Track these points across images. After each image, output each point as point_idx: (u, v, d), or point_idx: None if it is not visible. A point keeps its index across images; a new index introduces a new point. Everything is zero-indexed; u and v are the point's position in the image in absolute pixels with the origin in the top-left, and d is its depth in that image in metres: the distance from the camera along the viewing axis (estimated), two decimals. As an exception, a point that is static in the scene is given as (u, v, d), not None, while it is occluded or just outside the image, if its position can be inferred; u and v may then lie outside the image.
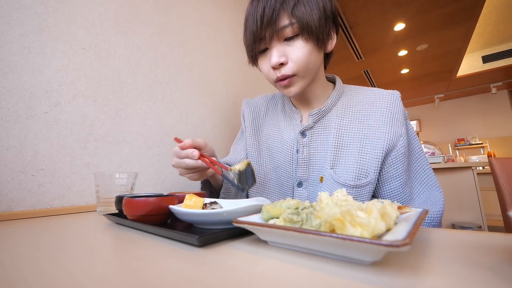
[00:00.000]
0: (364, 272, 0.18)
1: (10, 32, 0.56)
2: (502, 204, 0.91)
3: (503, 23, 3.48)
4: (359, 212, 0.22)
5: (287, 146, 0.62)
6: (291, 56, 0.50)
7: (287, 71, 0.51)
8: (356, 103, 0.58)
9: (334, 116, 0.58)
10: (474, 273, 0.18)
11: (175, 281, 0.18)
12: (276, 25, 0.48)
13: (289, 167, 0.61)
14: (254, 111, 0.73)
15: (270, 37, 0.50)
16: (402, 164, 0.53)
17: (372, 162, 0.52)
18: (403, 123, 0.54)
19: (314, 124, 0.59)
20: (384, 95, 0.57)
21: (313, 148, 0.58)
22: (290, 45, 0.50)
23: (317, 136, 0.58)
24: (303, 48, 0.49)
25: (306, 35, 0.49)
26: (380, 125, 0.53)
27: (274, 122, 0.68)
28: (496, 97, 4.89)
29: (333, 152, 0.55)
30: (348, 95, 0.61)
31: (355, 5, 2.45)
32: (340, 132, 0.56)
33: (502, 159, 0.95)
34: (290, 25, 0.48)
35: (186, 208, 0.34)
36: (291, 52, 0.50)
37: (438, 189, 0.54)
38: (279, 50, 0.50)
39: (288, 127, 0.64)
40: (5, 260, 0.24)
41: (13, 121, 0.55)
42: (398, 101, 0.56)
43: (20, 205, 0.54)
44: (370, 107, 0.56)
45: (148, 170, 0.80)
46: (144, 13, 0.86)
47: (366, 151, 0.53)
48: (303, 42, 0.49)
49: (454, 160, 3.67)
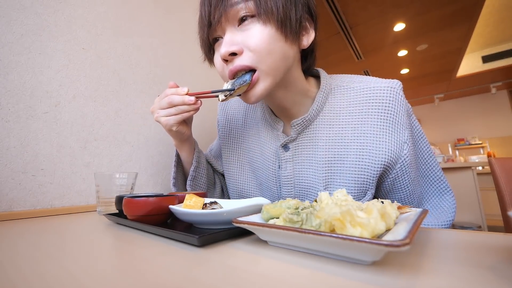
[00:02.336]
0: (364, 272, 0.18)
1: (11, 32, 0.56)
2: (502, 204, 0.91)
3: (503, 23, 3.48)
4: (359, 212, 0.22)
5: (269, 161, 0.52)
6: (247, 43, 0.39)
7: (243, 61, 0.40)
8: (347, 104, 0.47)
9: (321, 123, 0.48)
10: (474, 273, 0.18)
11: (175, 281, 0.18)
12: (226, 1, 0.39)
13: (273, 185, 0.52)
14: (230, 120, 0.63)
15: (219, 19, 0.40)
16: (408, 175, 0.46)
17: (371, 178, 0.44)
18: (406, 124, 0.45)
19: (297, 135, 0.49)
20: (381, 90, 0.45)
21: (299, 164, 0.49)
22: (246, 30, 0.40)
23: (303, 149, 0.49)
24: (261, 32, 0.39)
25: (264, 17, 0.39)
26: (379, 132, 0.44)
27: (254, 132, 0.58)
28: (496, 97, 4.90)
29: (324, 168, 0.46)
30: (337, 94, 0.49)
31: (355, 5, 2.45)
32: (330, 144, 0.47)
33: (502, 159, 0.95)
34: (244, 1, 0.39)
35: (186, 208, 0.34)
36: (247, 39, 0.39)
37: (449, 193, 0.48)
38: (230, 37, 0.40)
39: (269, 138, 0.54)
40: (5, 260, 0.24)
41: (13, 121, 0.55)
42: (399, 96, 0.45)
43: (20, 205, 0.54)
44: (365, 107, 0.46)
45: (148, 170, 0.80)
46: (144, 13, 0.86)
47: (364, 166, 0.44)
48: (262, 26, 0.39)
49: (454, 160, 3.67)
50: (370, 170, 0.44)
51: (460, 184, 1.99)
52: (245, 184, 0.58)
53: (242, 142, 0.60)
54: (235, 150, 0.61)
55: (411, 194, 0.47)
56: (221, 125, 0.65)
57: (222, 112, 0.66)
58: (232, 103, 0.66)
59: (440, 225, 0.45)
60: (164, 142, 0.86)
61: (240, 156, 0.59)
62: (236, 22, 0.41)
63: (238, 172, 0.59)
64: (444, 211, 0.47)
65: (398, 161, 0.45)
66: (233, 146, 0.61)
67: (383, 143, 0.44)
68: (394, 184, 0.47)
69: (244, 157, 0.59)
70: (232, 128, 0.62)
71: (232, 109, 0.65)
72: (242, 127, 0.61)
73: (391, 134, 0.44)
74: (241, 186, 0.59)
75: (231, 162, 0.61)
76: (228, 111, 0.65)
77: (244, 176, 0.58)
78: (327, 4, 2.38)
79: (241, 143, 0.60)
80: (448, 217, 0.45)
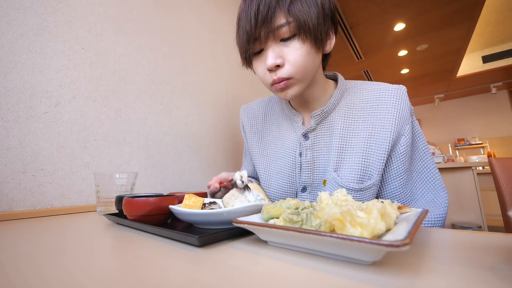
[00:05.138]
0: (364, 272, 0.18)
1: (10, 32, 0.56)
2: (502, 204, 0.91)
3: (503, 23, 3.48)
4: (359, 212, 0.22)
5: (290, 150, 0.60)
6: (287, 58, 0.47)
7: (284, 73, 0.47)
8: (360, 101, 0.55)
9: (337, 116, 0.56)
10: (474, 273, 0.18)
11: (175, 281, 0.18)
12: (271, 24, 0.45)
13: (292, 171, 0.59)
14: (252, 118, 0.71)
15: (265, 37, 0.46)
16: (402, 164, 0.51)
17: (376, 163, 0.51)
18: (408, 120, 0.52)
19: (316, 125, 0.56)
20: (390, 91, 0.53)
21: (317, 151, 0.56)
22: (287, 45, 0.47)
23: (321, 138, 0.56)
24: (300, 49, 0.46)
25: (303, 35, 0.45)
26: (386, 124, 0.51)
27: (275, 127, 0.66)
28: (496, 97, 4.90)
29: (337, 154, 0.53)
30: (351, 93, 0.58)
31: (355, 5, 2.45)
32: (344, 133, 0.54)
33: (502, 159, 0.95)
34: (287, 24, 0.45)
35: (186, 208, 0.34)
36: (288, 54, 0.47)
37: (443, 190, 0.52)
38: (275, 51, 0.47)
39: (289, 130, 0.61)
40: (5, 260, 0.24)
41: (13, 121, 0.55)
42: (404, 97, 0.53)
43: (20, 205, 0.54)
44: (375, 104, 0.54)
45: (148, 170, 0.80)
46: (144, 13, 0.86)
47: (371, 152, 0.51)
48: (301, 43, 0.46)
49: (454, 160, 3.67)
50: (375, 156, 0.51)
51: (460, 184, 1.99)
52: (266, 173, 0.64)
53: (264, 136, 0.68)
54: (258, 143, 0.68)
55: (405, 185, 0.52)
56: (245, 124, 0.72)
57: (244, 113, 0.74)
58: (252, 105, 0.74)
59: (433, 219, 0.48)
60: (164, 142, 0.86)
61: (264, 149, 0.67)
62: (278, 39, 0.47)
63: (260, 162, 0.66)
64: (437, 206, 0.50)
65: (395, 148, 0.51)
66: (256, 140, 0.69)
67: (388, 133, 0.51)
68: (390, 171, 0.52)
69: (267, 150, 0.66)
70: (253, 125, 0.70)
71: (253, 110, 0.73)
72: (263, 123, 0.69)
73: (395, 127, 0.51)
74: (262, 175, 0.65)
75: (258, 157, 0.67)
76: (249, 111, 0.73)
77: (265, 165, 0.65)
78: (327, 4, 2.37)
79: (262, 136, 0.68)
80: (441, 211, 0.49)
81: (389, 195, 0.53)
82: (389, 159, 0.52)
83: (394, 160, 0.52)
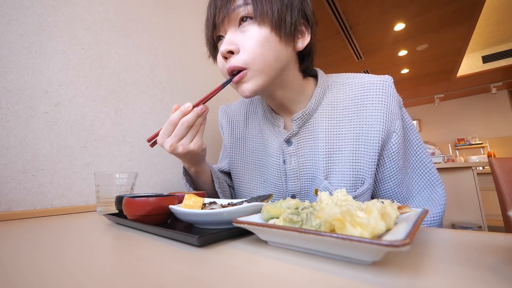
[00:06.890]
0: (364, 272, 0.18)
1: (10, 32, 0.56)
2: (502, 204, 0.91)
3: (503, 23, 3.48)
4: (359, 212, 0.22)
5: (273, 157, 0.55)
6: (244, 45, 0.43)
7: (237, 61, 0.43)
8: (343, 98, 0.51)
9: (320, 117, 0.51)
10: (474, 273, 0.18)
11: (175, 281, 0.18)
12: (230, 6, 0.43)
13: (278, 180, 0.54)
14: (232, 121, 0.65)
15: (222, 20, 0.44)
16: (396, 163, 0.48)
17: (367, 166, 0.47)
18: (398, 114, 0.48)
19: (299, 129, 0.52)
20: (375, 84, 0.49)
21: (302, 157, 0.52)
22: (244, 32, 0.43)
23: (305, 143, 0.52)
24: (257, 34, 0.42)
25: (259, 19, 0.42)
26: (373, 123, 0.47)
27: (257, 131, 0.60)
28: (496, 97, 4.90)
29: (324, 159, 0.49)
30: (334, 89, 0.52)
31: (355, 5, 2.45)
32: (329, 135, 0.50)
33: (502, 159, 0.95)
34: (244, 5, 0.42)
35: (185, 208, 0.34)
36: (245, 40, 0.43)
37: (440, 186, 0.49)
38: (230, 38, 0.44)
39: (271, 135, 0.56)
40: (5, 260, 0.24)
41: (13, 121, 0.55)
42: (391, 90, 0.48)
43: (20, 205, 0.54)
44: (360, 100, 0.49)
45: (148, 170, 0.80)
46: (144, 13, 0.86)
47: (360, 154, 0.48)
48: (257, 27, 0.42)
49: (454, 160, 3.67)
50: (366, 158, 0.47)
51: (460, 184, 1.99)
52: (250, 183, 0.59)
53: (246, 141, 0.62)
54: (239, 150, 0.63)
55: (400, 184, 0.49)
56: (225, 128, 0.66)
57: (223, 115, 0.68)
58: (232, 106, 0.68)
59: (430, 218, 0.46)
60: (164, 142, 0.86)
61: (244, 156, 0.61)
62: (237, 23, 0.44)
63: (243, 171, 0.61)
64: (435, 204, 0.48)
65: (385, 147, 0.48)
66: (237, 146, 0.63)
67: (377, 131, 0.47)
68: (383, 171, 0.49)
69: (248, 157, 0.61)
70: (235, 129, 0.64)
71: (233, 111, 0.67)
72: (244, 127, 0.63)
73: (384, 124, 0.47)
74: (246, 185, 0.60)
75: (236, 162, 0.62)
76: (229, 113, 0.67)
77: (248, 174, 0.60)
78: (327, 4, 2.38)
79: (244, 143, 0.62)
80: (438, 209, 0.47)
81: (385, 195, 0.51)
82: (381, 159, 0.49)
83: (387, 160, 0.48)
